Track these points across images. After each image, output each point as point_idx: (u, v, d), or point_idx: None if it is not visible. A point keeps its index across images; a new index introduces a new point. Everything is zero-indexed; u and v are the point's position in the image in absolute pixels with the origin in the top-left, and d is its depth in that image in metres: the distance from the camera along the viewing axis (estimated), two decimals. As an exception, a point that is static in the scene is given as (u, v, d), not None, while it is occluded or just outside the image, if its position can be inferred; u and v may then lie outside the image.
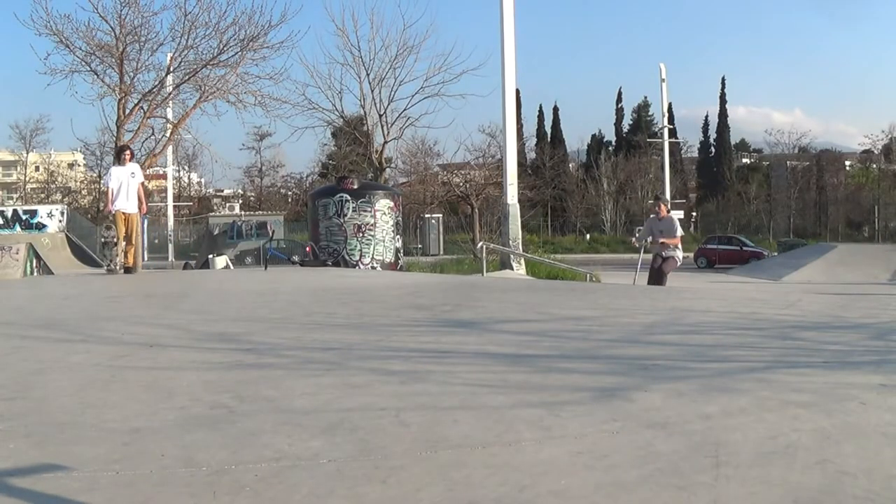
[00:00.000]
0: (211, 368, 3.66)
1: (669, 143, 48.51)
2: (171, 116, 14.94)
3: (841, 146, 62.56)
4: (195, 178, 56.87)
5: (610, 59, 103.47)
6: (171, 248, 32.67)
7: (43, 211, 26.26)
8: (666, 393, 3.05)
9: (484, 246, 15.14)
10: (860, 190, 54.41)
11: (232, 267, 15.78)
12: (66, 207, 28.98)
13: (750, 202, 54.27)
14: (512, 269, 15.67)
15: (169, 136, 14.84)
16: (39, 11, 12.88)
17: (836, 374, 3.53)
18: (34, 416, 2.78)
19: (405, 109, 22.74)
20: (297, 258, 15.66)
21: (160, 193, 43.17)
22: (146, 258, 14.65)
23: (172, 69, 13.91)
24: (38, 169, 53.33)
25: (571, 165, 59.44)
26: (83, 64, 13.29)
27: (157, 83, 13.78)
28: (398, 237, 15.75)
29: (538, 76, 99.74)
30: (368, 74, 22.32)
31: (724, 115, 59.15)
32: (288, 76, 27.69)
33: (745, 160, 65.76)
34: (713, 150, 60.06)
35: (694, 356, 3.98)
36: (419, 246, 35.13)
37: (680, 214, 47.29)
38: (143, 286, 8.99)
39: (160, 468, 2.16)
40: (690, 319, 5.71)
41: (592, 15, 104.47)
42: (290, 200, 55.00)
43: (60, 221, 25.74)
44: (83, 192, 52.29)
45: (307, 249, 15.57)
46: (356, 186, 15.20)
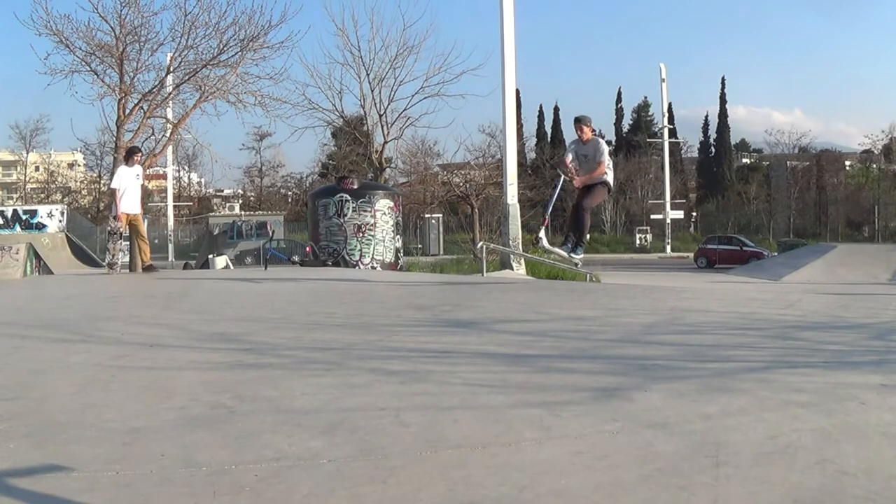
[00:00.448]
0: (211, 368, 3.66)
1: (669, 143, 48.59)
2: (171, 116, 14.93)
3: (841, 146, 62.62)
4: (195, 178, 56.91)
5: (610, 59, 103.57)
6: (171, 248, 32.68)
7: (43, 211, 26.28)
8: (666, 393, 3.05)
9: (484, 246, 15.14)
10: (860, 190, 54.42)
11: (232, 267, 15.79)
12: (66, 207, 29.00)
13: (750, 202, 54.28)
14: (512, 269, 15.67)
15: (169, 136, 14.82)
16: (39, 11, 12.86)
17: (836, 374, 3.53)
18: (34, 416, 2.78)
19: (405, 109, 22.77)
20: (297, 258, 15.67)
21: (160, 193, 43.21)
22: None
23: (172, 69, 13.89)
24: (38, 169, 53.35)
25: (571, 165, 59.43)
26: (83, 64, 13.28)
27: (157, 83, 13.77)
28: (398, 237, 15.76)
29: (538, 76, 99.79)
30: (368, 74, 22.35)
31: (724, 115, 59.19)
32: (288, 76, 27.67)
33: (745, 160, 65.80)
34: (713, 150, 60.08)
35: (694, 356, 3.98)
36: (419, 246, 35.16)
37: (680, 214, 47.44)
38: (143, 286, 8.99)
39: (160, 468, 2.16)
40: (690, 319, 5.71)
41: (592, 15, 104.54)
42: (290, 200, 55.04)
43: (60, 221, 25.75)
44: (83, 192, 52.31)
45: (307, 249, 15.58)
46: (356, 186, 15.21)
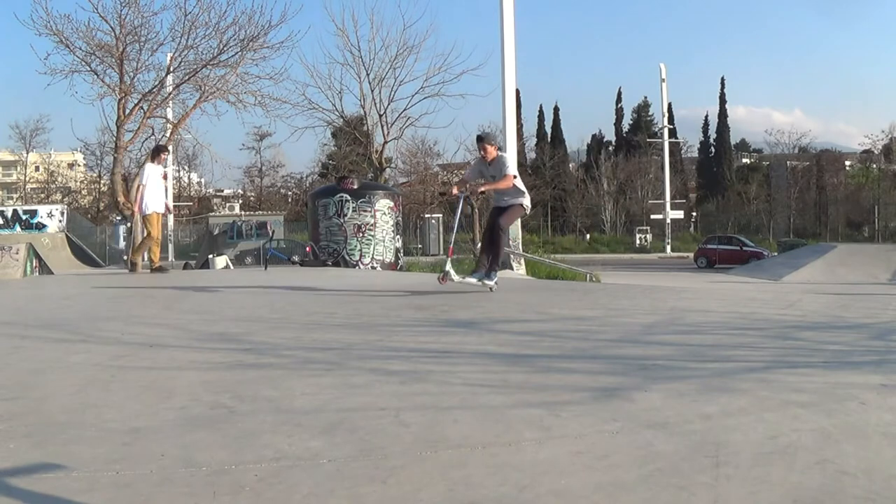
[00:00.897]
0: (211, 368, 3.66)
1: (669, 143, 48.60)
2: (171, 116, 14.95)
3: (841, 146, 62.65)
4: (195, 178, 56.90)
5: (610, 59, 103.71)
6: (171, 248, 32.67)
7: (43, 211, 26.26)
8: (666, 393, 3.05)
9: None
10: (860, 190, 54.42)
11: (232, 267, 15.79)
12: (66, 207, 28.99)
13: (750, 202, 54.29)
14: (512, 269, 15.69)
15: (169, 136, 14.83)
16: (39, 11, 12.90)
17: (836, 374, 3.53)
18: (34, 416, 2.78)
19: (405, 109, 22.79)
20: (297, 258, 15.66)
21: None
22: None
23: (172, 69, 13.91)
24: (38, 169, 53.34)
25: (571, 165, 59.49)
26: (83, 64, 13.30)
27: (157, 83, 13.79)
28: (398, 237, 15.75)
29: (538, 76, 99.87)
30: (368, 74, 22.36)
31: (723, 115, 59.21)
32: (288, 76, 27.76)
33: (745, 160, 65.80)
34: (713, 150, 60.09)
35: (694, 356, 3.98)
36: (419, 246, 35.15)
37: (680, 214, 47.44)
38: (143, 286, 8.99)
39: (160, 468, 2.16)
40: (690, 319, 5.71)
41: (592, 15, 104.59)
42: (290, 200, 55.04)
43: (60, 221, 25.74)
44: (83, 192, 52.31)
45: (307, 249, 15.57)
46: (356, 186, 15.20)
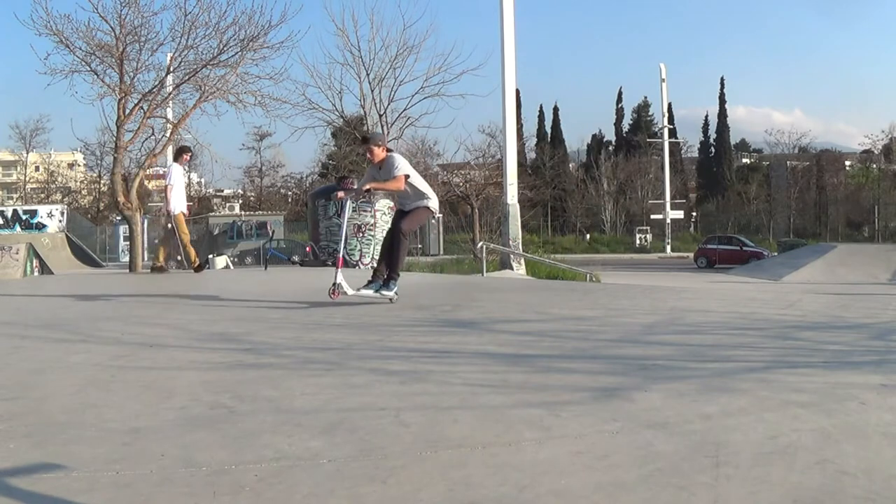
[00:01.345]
0: (211, 368, 3.66)
1: (669, 143, 48.62)
2: (171, 116, 14.94)
3: (841, 146, 62.65)
4: (195, 178, 56.85)
5: (610, 59, 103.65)
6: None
7: (43, 211, 26.24)
8: (666, 393, 3.05)
9: (484, 246, 15.14)
10: (860, 190, 54.42)
11: (232, 267, 15.78)
12: (66, 207, 28.96)
13: (750, 202, 54.28)
14: (512, 269, 15.69)
15: (169, 136, 14.81)
16: (39, 11, 12.85)
17: (836, 374, 3.53)
18: (34, 416, 2.78)
19: (405, 109, 22.73)
20: (297, 258, 15.67)
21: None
22: (146, 258, 14.64)
23: (172, 69, 13.89)
24: (38, 169, 53.33)
25: (571, 165, 59.50)
26: (83, 64, 13.28)
27: (157, 83, 13.77)
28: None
29: (538, 76, 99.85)
30: (368, 74, 22.32)
31: (723, 115, 59.24)
32: (288, 76, 27.66)
33: (745, 160, 65.80)
34: (713, 150, 60.11)
35: (694, 356, 3.98)
36: (419, 246, 35.14)
37: (680, 214, 47.45)
38: (142, 286, 8.99)
39: (160, 468, 2.16)
40: (690, 319, 5.71)
41: (592, 15, 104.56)
42: (290, 200, 55.02)
43: (60, 221, 25.73)
44: (83, 192, 52.29)
45: (307, 249, 15.57)
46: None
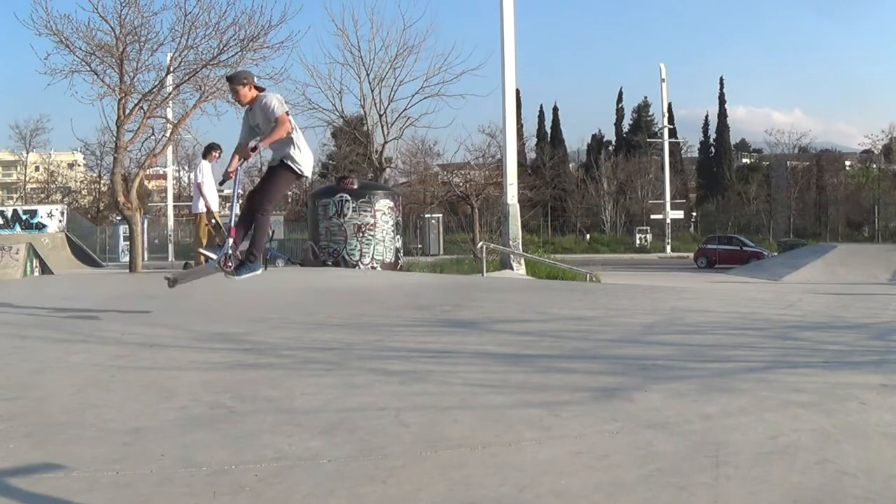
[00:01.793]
0: (211, 368, 3.66)
1: (669, 143, 48.56)
2: (171, 116, 14.93)
3: (841, 146, 62.57)
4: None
5: (610, 59, 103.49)
6: (171, 248, 32.64)
7: (43, 211, 26.20)
8: (666, 393, 3.05)
9: (484, 246, 15.14)
10: (860, 190, 54.37)
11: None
12: (66, 207, 28.93)
13: (750, 202, 54.25)
14: (512, 269, 15.68)
15: (169, 136, 14.81)
16: (39, 11, 12.84)
17: (836, 374, 3.53)
18: (34, 416, 2.78)
19: (405, 109, 22.73)
20: (296, 258, 15.66)
21: (160, 193, 43.20)
22: (146, 258, 14.65)
23: (172, 69, 13.90)
24: (38, 169, 53.30)
25: (571, 165, 59.44)
26: (83, 64, 13.27)
27: (157, 83, 13.77)
28: (398, 237, 15.75)
29: (538, 76, 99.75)
30: (368, 74, 22.32)
31: (723, 115, 59.19)
32: (288, 76, 27.74)
33: (745, 160, 65.76)
34: (713, 150, 60.06)
35: (694, 356, 3.98)
36: (419, 246, 35.13)
37: (680, 214, 47.45)
38: (142, 286, 8.99)
39: (160, 468, 2.16)
40: (690, 319, 5.71)
41: (592, 15, 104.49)
42: (290, 200, 54.94)
43: (60, 221, 25.71)
44: (83, 192, 52.26)
45: (307, 249, 15.57)
46: (356, 186, 15.19)
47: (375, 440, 2.42)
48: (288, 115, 5.26)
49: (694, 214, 56.63)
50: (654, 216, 47.42)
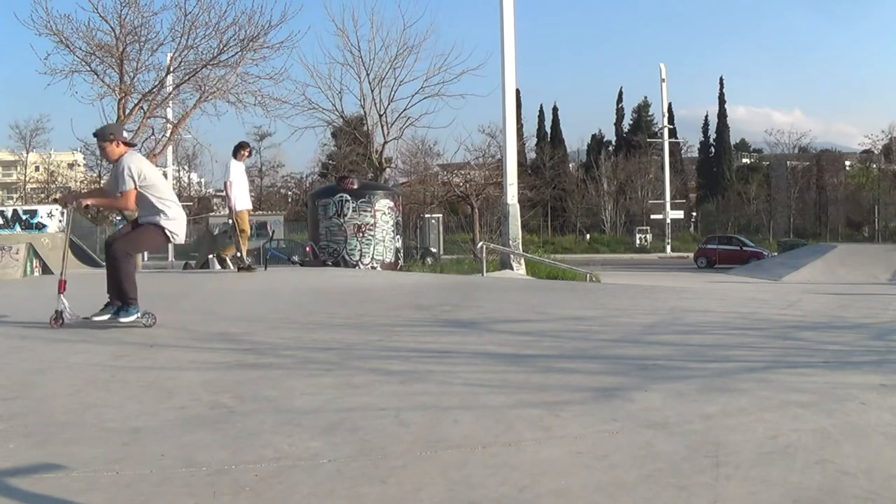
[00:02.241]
0: (211, 368, 3.66)
1: (669, 143, 48.58)
2: (171, 116, 14.96)
3: (841, 146, 62.54)
4: (195, 178, 56.85)
5: (610, 59, 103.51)
6: (170, 247, 32.62)
7: (43, 211, 26.19)
8: (666, 393, 3.05)
9: (484, 246, 15.15)
10: (860, 190, 54.37)
11: (232, 267, 15.78)
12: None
13: (750, 202, 54.25)
14: (512, 269, 15.68)
15: (169, 136, 14.85)
16: (39, 11, 12.89)
17: (836, 374, 3.53)
18: (34, 416, 2.78)
19: (405, 109, 22.73)
20: (297, 258, 15.66)
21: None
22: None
23: (172, 69, 13.92)
24: (38, 169, 53.31)
25: (571, 165, 59.44)
26: (83, 64, 13.30)
27: (157, 83, 13.80)
28: (398, 237, 15.75)
29: (538, 76, 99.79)
30: (368, 74, 22.32)
31: (723, 115, 59.20)
32: (288, 76, 27.75)
33: (745, 160, 65.75)
34: (713, 150, 60.07)
35: (694, 356, 3.98)
36: (419, 246, 35.13)
37: (680, 214, 47.47)
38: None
39: (160, 468, 2.16)
40: (690, 319, 5.71)
41: (592, 15, 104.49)
42: (290, 200, 54.96)
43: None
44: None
45: (307, 249, 15.57)
46: (356, 186, 15.19)
47: (375, 440, 2.42)
48: (138, 189, 4.97)
49: (694, 214, 56.65)
50: (654, 216, 47.44)
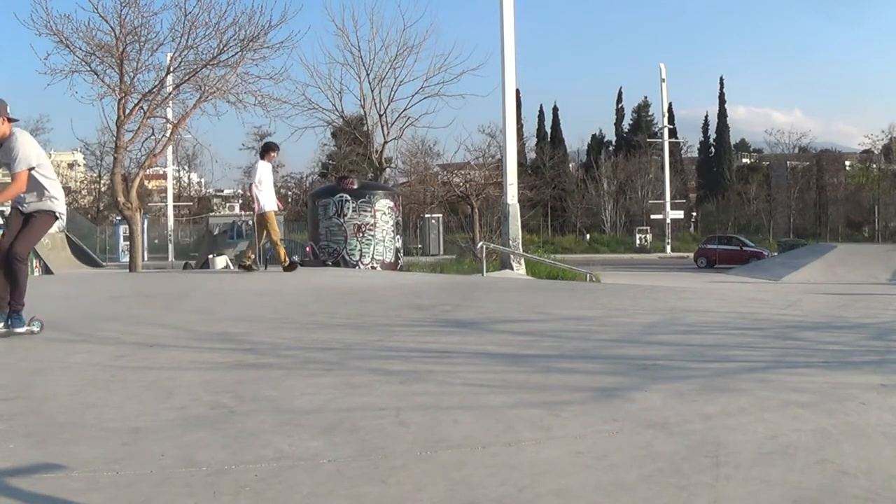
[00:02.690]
0: (211, 368, 3.66)
1: (669, 143, 48.56)
2: (171, 116, 14.94)
3: (841, 146, 62.51)
4: (195, 178, 56.84)
5: (610, 59, 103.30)
6: (170, 248, 32.65)
7: (43, 211, 26.18)
8: (666, 393, 3.05)
9: (484, 246, 15.14)
10: (860, 190, 54.36)
11: (232, 267, 15.77)
12: (65, 207, 28.96)
13: (750, 202, 54.25)
14: (512, 269, 15.68)
15: (169, 136, 14.82)
16: (39, 11, 12.85)
17: (836, 374, 3.53)
18: (34, 416, 2.78)
19: (405, 109, 22.70)
20: (297, 258, 15.64)
21: (160, 193, 43.24)
22: (146, 258, 14.68)
23: (172, 69, 13.90)
24: (38, 169, 53.28)
25: (571, 165, 59.42)
26: (83, 64, 13.28)
27: (157, 83, 13.78)
28: (398, 237, 15.75)
29: (538, 76, 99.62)
30: (368, 74, 22.30)
31: (723, 115, 59.18)
32: (288, 76, 27.66)
33: (745, 160, 65.74)
34: (713, 150, 60.06)
35: (694, 356, 3.98)
36: (419, 246, 35.13)
37: (680, 214, 47.48)
38: (143, 286, 8.99)
39: (160, 468, 2.16)
40: (690, 319, 5.71)
41: (592, 15, 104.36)
42: (290, 200, 54.97)
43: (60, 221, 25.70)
44: (83, 192, 52.27)
45: (307, 249, 15.56)
46: (356, 186, 15.19)
47: (375, 440, 2.42)
48: (33, 170, 4.73)
49: (694, 214, 56.65)
50: (654, 216, 47.43)
